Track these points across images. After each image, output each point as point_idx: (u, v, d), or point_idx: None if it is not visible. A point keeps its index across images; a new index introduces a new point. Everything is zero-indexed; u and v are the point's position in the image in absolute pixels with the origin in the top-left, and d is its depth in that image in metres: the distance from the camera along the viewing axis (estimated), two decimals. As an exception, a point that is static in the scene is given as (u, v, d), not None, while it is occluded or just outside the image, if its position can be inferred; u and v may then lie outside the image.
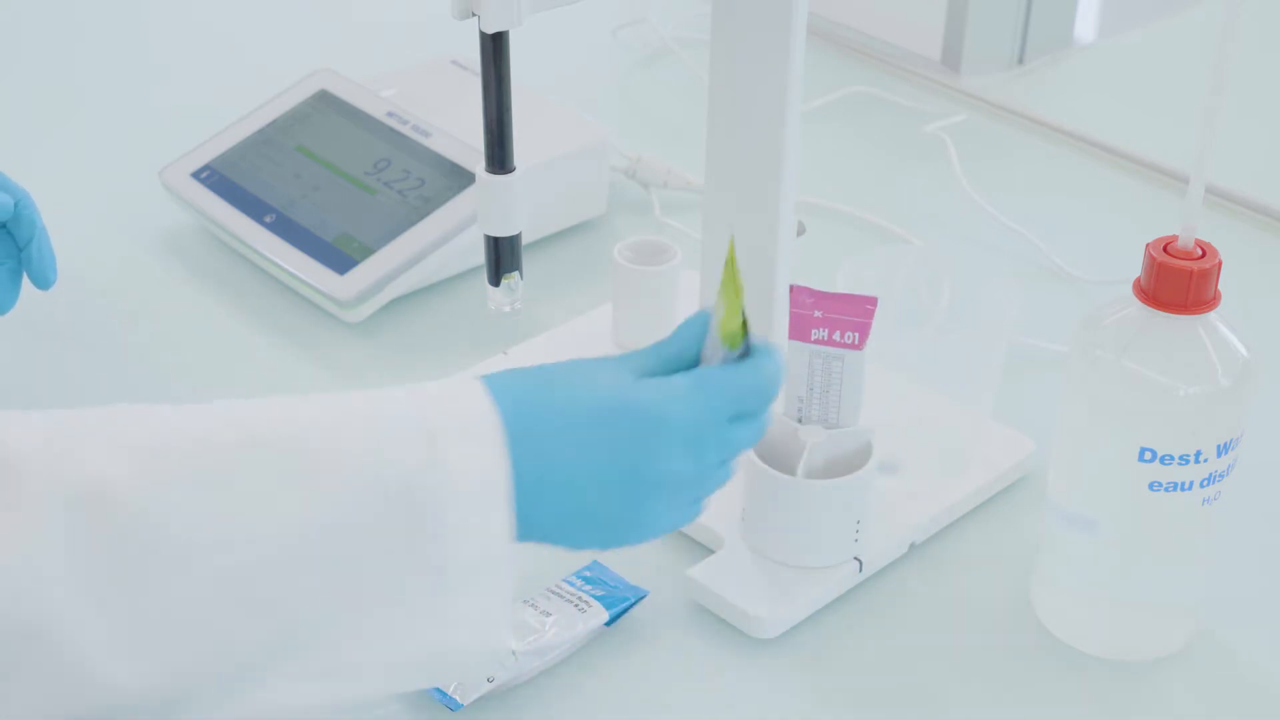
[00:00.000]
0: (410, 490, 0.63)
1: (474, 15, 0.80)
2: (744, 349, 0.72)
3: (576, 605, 0.82)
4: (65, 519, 0.59)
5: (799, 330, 0.81)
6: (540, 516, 0.67)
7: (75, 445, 0.62)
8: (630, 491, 0.68)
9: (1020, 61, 1.43)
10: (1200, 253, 0.74)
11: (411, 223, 1.08)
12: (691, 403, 0.69)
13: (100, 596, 0.60)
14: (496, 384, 0.68)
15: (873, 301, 0.79)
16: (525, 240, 0.88)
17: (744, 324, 0.71)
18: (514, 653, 0.79)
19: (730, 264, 0.71)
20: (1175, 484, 0.76)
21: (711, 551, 0.87)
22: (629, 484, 0.68)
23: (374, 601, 0.64)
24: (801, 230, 0.93)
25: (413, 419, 0.65)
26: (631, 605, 0.83)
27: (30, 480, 0.60)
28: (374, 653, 0.64)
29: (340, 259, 1.07)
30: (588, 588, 0.83)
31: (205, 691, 0.62)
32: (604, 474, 0.68)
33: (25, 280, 0.99)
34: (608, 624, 0.82)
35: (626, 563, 0.87)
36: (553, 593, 0.83)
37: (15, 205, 0.97)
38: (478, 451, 0.65)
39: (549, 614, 0.81)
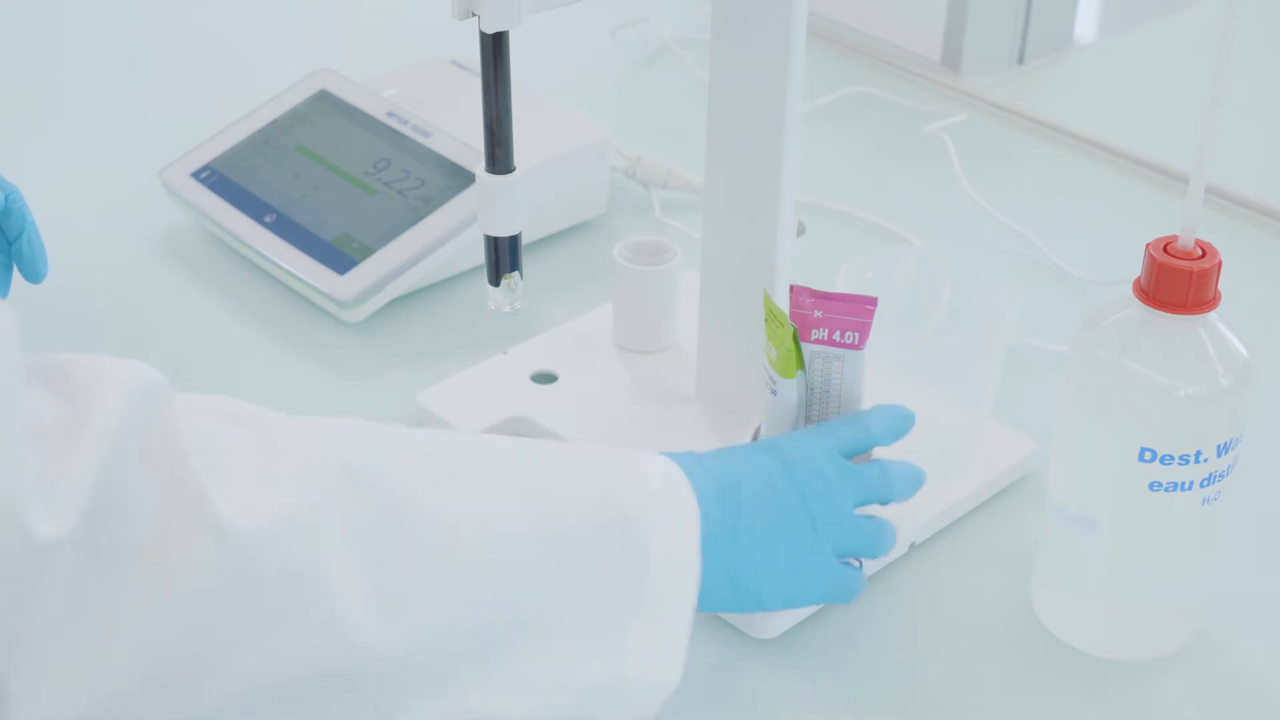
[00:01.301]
0: (626, 519, 0.69)
1: (474, 15, 0.80)
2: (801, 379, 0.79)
3: None
4: (334, 479, 0.64)
5: (799, 330, 0.81)
6: (729, 575, 0.73)
7: (331, 426, 0.67)
8: (784, 518, 0.74)
9: (1020, 61, 1.43)
10: (1200, 253, 0.74)
11: (411, 223, 1.08)
12: (807, 436, 0.78)
13: (363, 557, 0.63)
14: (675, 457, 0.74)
15: (873, 301, 0.79)
16: (525, 240, 0.88)
17: (798, 357, 0.79)
18: None
19: (770, 311, 0.79)
20: (1175, 484, 0.76)
21: (711, 551, 0.87)
22: (781, 512, 0.75)
23: (579, 613, 0.67)
24: (801, 230, 0.93)
25: (624, 461, 0.71)
26: None
27: (296, 444, 0.65)
28: (565, 672, 0.67)
29: (340, 259, 1.07)
30: None
31: (428, 676, 0.65)
32: (766, 500, 0.75)
33: (17, 275, 1.00)
34: None
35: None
36: None
37: (4, 199, 0.97)
38: (676, 503, 0.70)
39: None
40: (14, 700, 0.59)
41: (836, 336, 0.80)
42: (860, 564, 0.79)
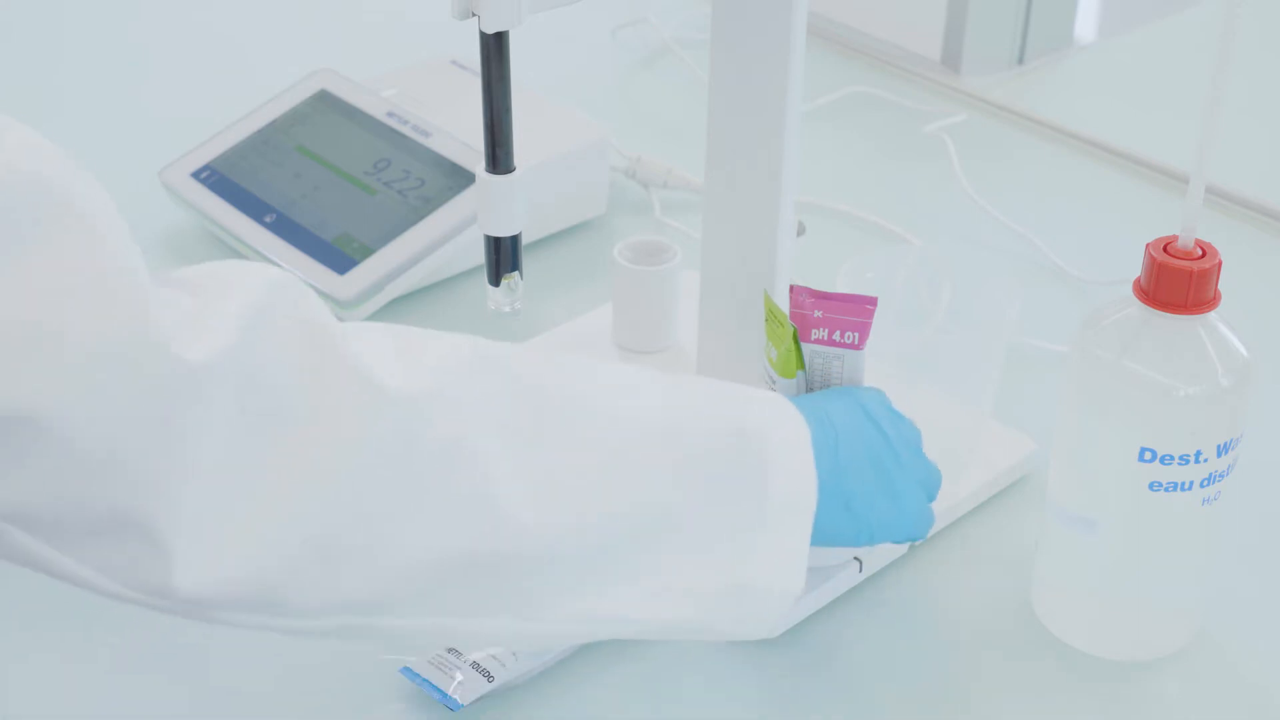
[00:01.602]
0: (748, 434, 0.70)
1: (474, 15, 0.80)
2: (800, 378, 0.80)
3: None
4: (476, 365, 0.65)
5: (799, 330, 0.81)
6: (842, 490, 0.75)
7: (446, 334, 0.68)
8: (882, 450, 0.76)
9: (1020, 61, 1.43)
10: (1200, 253, 0.74)
11: (411, 223, 1.08)
12: (860, 389, 0.79)
13: (513, 438, 0.65)
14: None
15: (873, 301, 0.79)
16: (525, 240, 0.88)
17: (798, 357, 0.79)
18: (514, 653, 0.79)
19: (770, 311, 0.80)
20: (1175, 484, 0.76)
21: (711, 551, 0.87)
22: (879, 443, 0.76)
23: (706, 517, 0.69)
24: (801, 230, 0.93)
25: (737, 388, 0.73)
26: None
27: (428, 335, 0.66)
28: (692, 574, 0.69)
29: (340, 259, 1.07)
30: None
31: (570, 566, 0.66)
32: (864, 432, 0.76)
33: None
34: None
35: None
36: None
37: None
38: (790, 424, 0.72)
39: None
40: (175, 557, 0.58)
41: (836, 336, 0.80)
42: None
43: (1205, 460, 0.75)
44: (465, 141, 1.11)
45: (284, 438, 0.60)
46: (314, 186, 1.12)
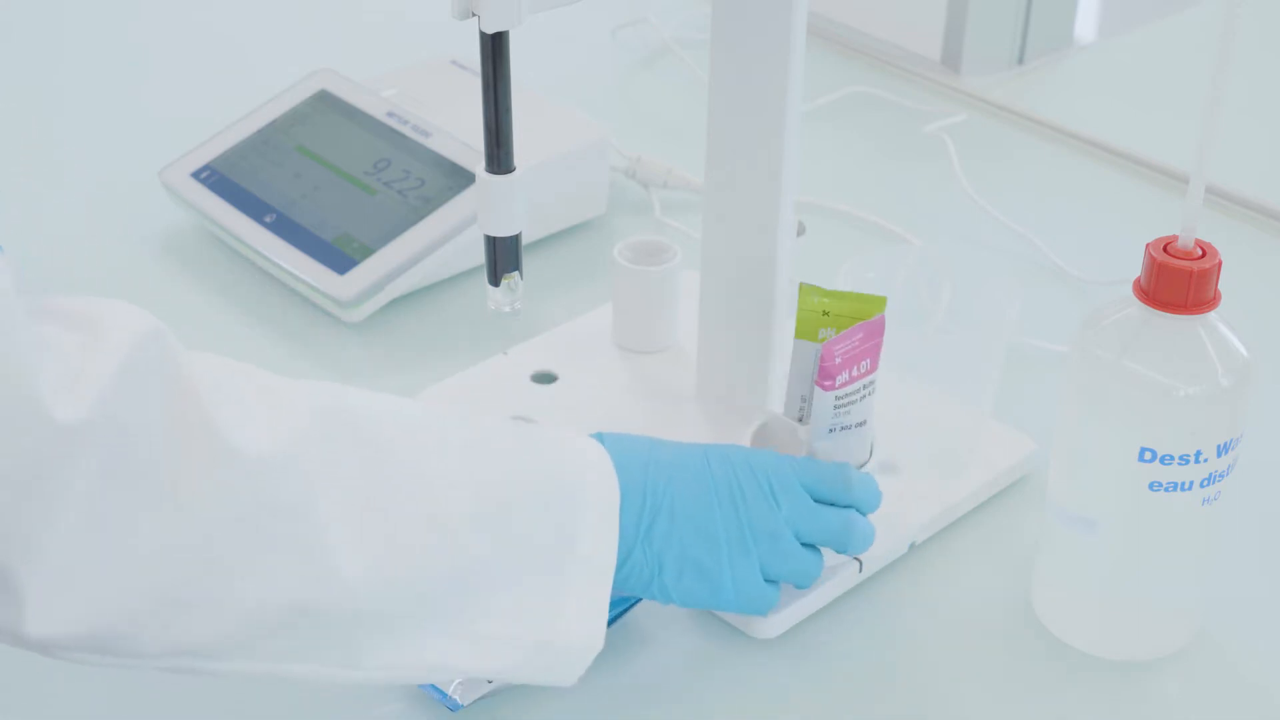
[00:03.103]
0: (559, 494, 0.74)
1: (474, 15, 0.80)
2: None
3: None
4: (324, 423, 0.68)
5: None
6: (654, 560, 0.77)
7: (314, 384, 0.71)
8: (709, 525, 0.77)
9: (1020, 61, 1.43)
10: (1200, 253, 0.74)
11: (411, 223, 1.08)
12: (773, 457, 0.80)
13: (348, 498, 0.68)
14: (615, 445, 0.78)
15: (879, 328, 0.79)
16: (525, 240, 0.88)
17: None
18: None
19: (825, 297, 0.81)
20: (1175, 484, 0.76)
21: (711, 551, 0.87)
22: (708, 517, 0.77)
23: (521, 574, 0.72)
24: (801, 230, 0.93)
25: (561, 446, 0.76)
26: (631, 606, 0.83)
27: (286, 389, 0.69)
28: (507, 628, 0.72)
29: (340, 259, 1.07)
30: None
31: (393, 619, 0.70)
32: (695, 502, 0.77)
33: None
34: (608, 624, 0.82)
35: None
36: None
37: None
38: (601, 488, 0.75)
39: None
40: (28, 604, 0.63)
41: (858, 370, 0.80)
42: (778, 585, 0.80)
43: (1205, 460, 0.75)
44: (465, 141, 1.11)
45: (142, 497, 0.64)
46: (314, 186, 1.12)
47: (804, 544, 0.79)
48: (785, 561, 0.79)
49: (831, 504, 0.80)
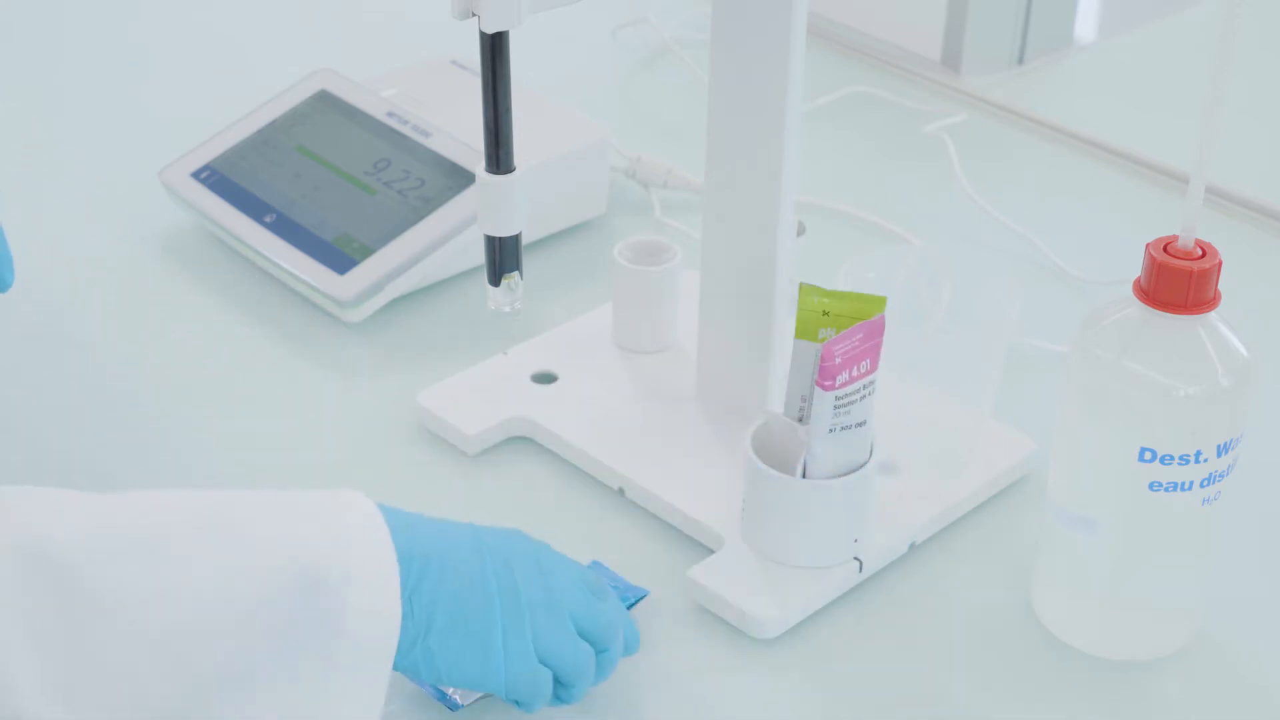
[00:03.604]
0: (318, 572, 0.67)
1: (474, 15, 0.80)
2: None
3: None
4: (13, 571, 0.63)
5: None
6: (423, 618, 0.71)
7: (15, 506, 0.66)
8: (483, 587, 0.73)
9: (1020, 61, 1.43)
10: (1200, 253, 0.74)
11: (411, 223, 1.08)
12: (552, 551, 0.78)
13: (42, 646, 0.63)
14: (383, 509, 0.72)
15: (879, 328, 0.79)
16: (525, 240, 0.88)
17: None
18: None
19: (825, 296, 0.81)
20: (1175, 484, 0.76)
21: (711, 551, 0.87)
22: (482, 579, 0.73)
23: (274, 669, 0.67)
24: (801, 230, 0.93)
25: (320, 514, 0.70)
26: (631, 605, 0.83)
27: None
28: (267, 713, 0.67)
29: (340, 259, 1.07)
30: None
31: None
32: (466, 563, 0.73)
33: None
34: None
35: (626, 563, 0.87)
36: None
37: None
38: (374, 551, 0.69)
39: None
40: None
41: (857, 370, 0.80)
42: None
43: (1205, 460, 0.75)
44: (465, 141, 1.11)
45: None
46: (314, 186, 1.12)
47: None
48: (561, 643, 0.74)
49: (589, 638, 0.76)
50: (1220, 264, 0.74)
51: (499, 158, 0.84)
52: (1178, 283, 0.73)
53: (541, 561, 0.76)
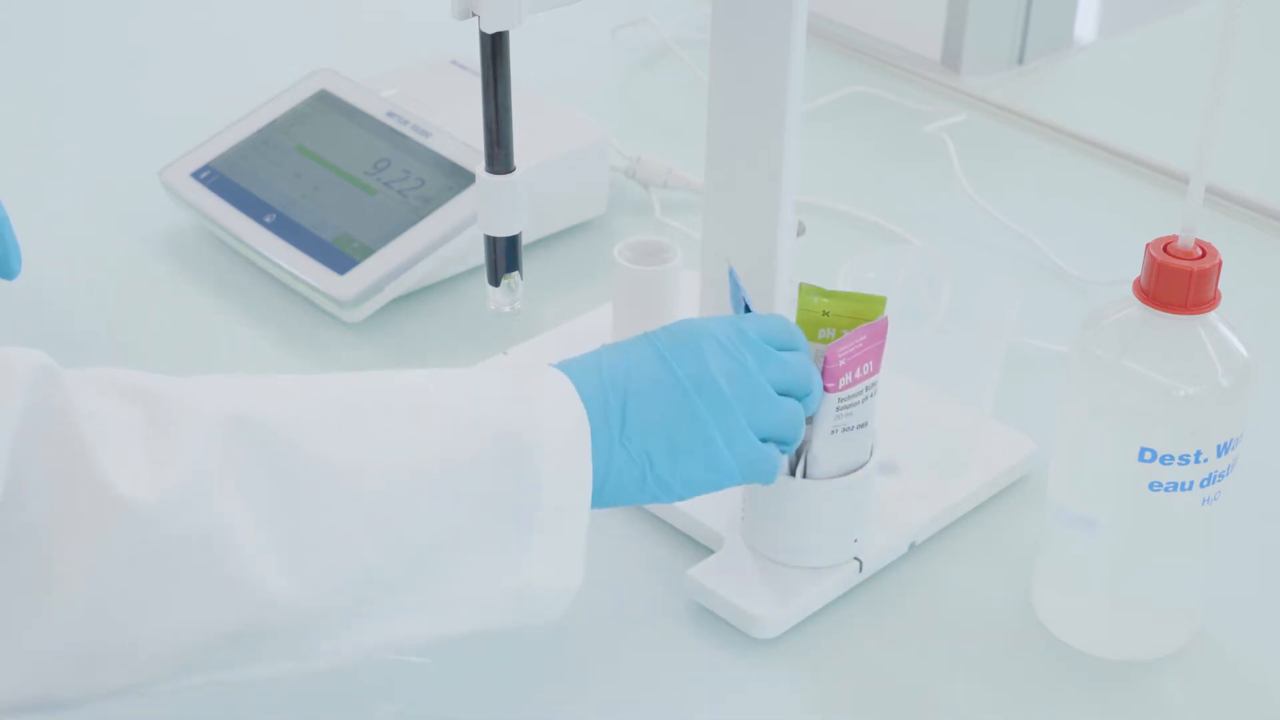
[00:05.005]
0: (510, 439, 0.70)
1: (474, 15, 0.80)
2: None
3: None
4: (225, 440, 0.65)
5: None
6: (641, 455, 0.73)
7: (216, 386, 0.68)
8: (683, 396, 0.74)
9: (1020, 61, 1.43)
10: (1200, 253, 0.74)
11: (411, 223, 1.08)
12: (716, 319, 0.77)
13: (262, 512, 0.65)
14: (565, 366, 0.75)
15: (882, 330, 0.79)
16: (525, 240, 0.88)
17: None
18: None
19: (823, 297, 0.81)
20: (1175, 484, 0.76)
21: (711, 551, 0.87)
22: (678, 389, 0.74)
23: (478, 536, 0.69)
24: (801, 230, 0.93)
25: (509, 384, 0.72)
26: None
27: (184, 409, 0.66)
28: (470, 588, 0.70)
29: (340, 259, 1.07)
30: None
31: (340, 615, 0.67)
32: (659, 381, 0.74)
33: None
34: None
35: (626, 563, 0.87)
36: None
37: None
38: (565, 419, 0.72)
39: None
40: None
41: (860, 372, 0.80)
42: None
43: (1205, 460, 0.75)
44: (465, 141, 1.11)
45: (34, 555, 0.62)
46: (314, 186, 1.12)
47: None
48: (772, 412, 0.75)
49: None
50: (1220, 264, 0.74)
51: (499, 158, 0.84)
52: (1178, 283, 0.73)
53: (721, 339, 0.76)
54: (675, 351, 0.75)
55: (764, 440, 0.76)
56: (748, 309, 0.80)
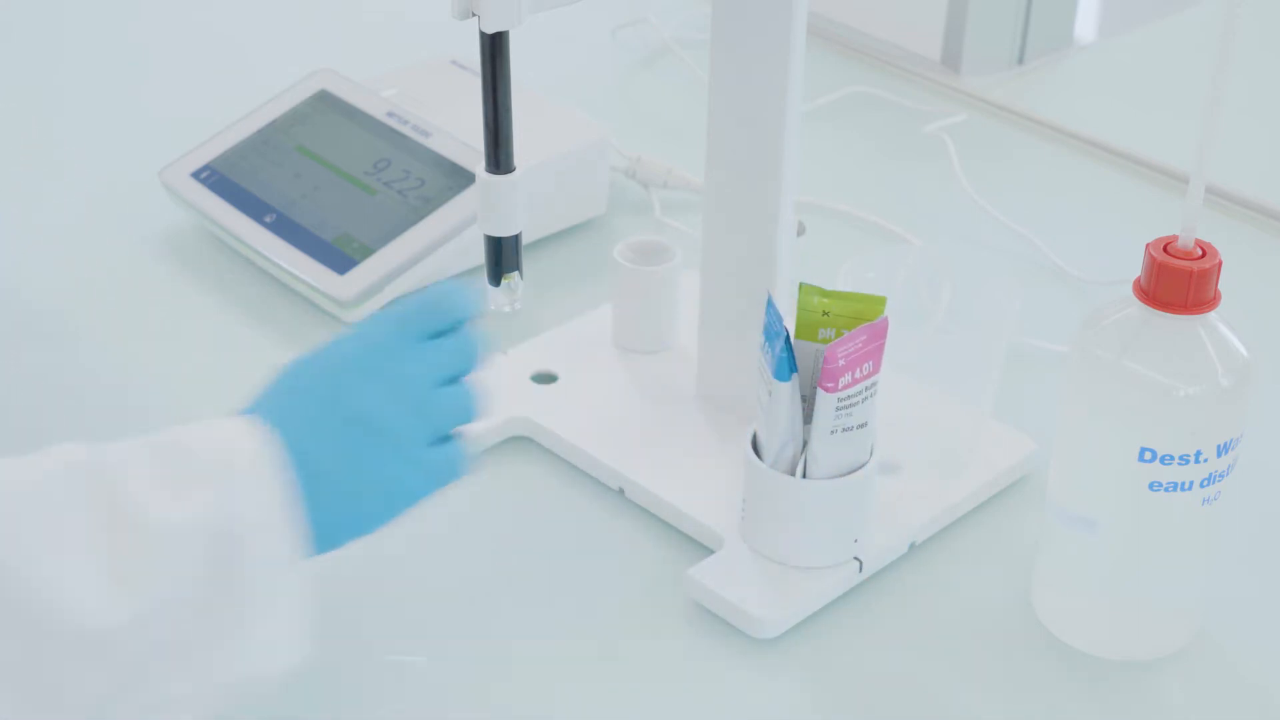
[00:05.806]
0: (210, 530, 0.65)
1: (474, 15, 0.80)
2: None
3: None
4: None
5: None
6: (326, 506, 0.69)
7: None
8: (356, 439, 0.70)
9: (1020, 61, 1.43)
10: (1200, 253, 0.74)
11: (411, 223, 1.08)
12: (354, 337, 0.74)
13: None
14: (265, 410, 0.72)
15: (882, 330, 0.79)
16: (525, 240, 0.88)
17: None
18: None
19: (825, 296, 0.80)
20: (1175, 484, 0.76)
21: (711, 551, 0.87)
22: (352, 431, 0.71)
23: (193, 638, 0.66)
24: (801, 230, 0.93)
25: (204, 460, 0.67)
26: None
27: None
28: (195, 684, 0.66)
29: (340, 259, 1.07)
30: None
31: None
32: (346, 443, 0.70)
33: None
34: None
35: (626, 563, 0.87)
36: None
37: None
38: (261, 487, 0.67)
39: None
40: None
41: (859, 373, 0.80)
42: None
43: (1205, 460, 0.75)
44: (465, 141, 1.11)
45: None
46: (314, 186, 1.12)
47: (443, 384, 0.73)
48: (435, 412, 0.72)
49: (444, 332, 0.74)
50: (1220, 264, 0.74)
51: (499, 158, 0.84)
52: (1178, 283, 0.73)
53: (364, 367, 0.72)
54: (343, 396, 0.72)
55: (445, 438, 0.73)
56: (788, 341, 0.79)
